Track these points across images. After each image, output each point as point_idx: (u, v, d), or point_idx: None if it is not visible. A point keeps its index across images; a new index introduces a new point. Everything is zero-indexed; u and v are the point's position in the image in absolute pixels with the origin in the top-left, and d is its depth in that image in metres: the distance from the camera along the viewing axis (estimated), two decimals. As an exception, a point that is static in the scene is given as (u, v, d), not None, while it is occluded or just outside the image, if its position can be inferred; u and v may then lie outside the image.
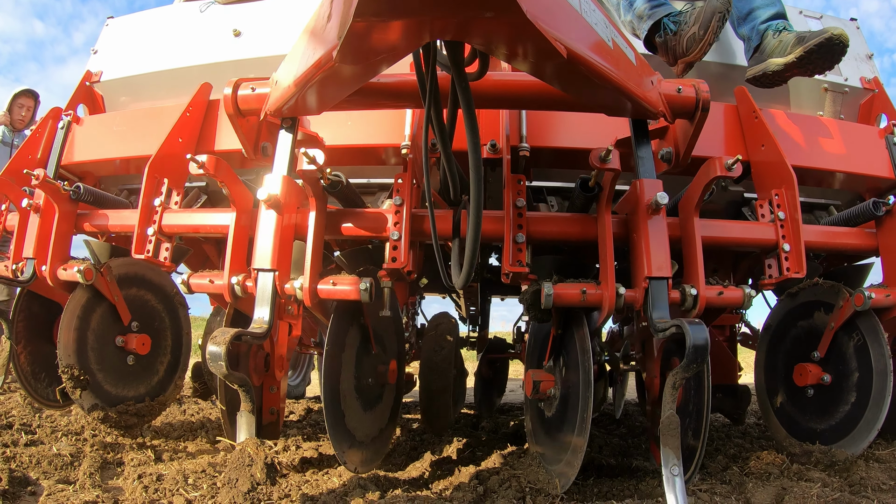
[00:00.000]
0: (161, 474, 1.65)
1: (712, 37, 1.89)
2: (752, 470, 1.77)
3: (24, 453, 1.76)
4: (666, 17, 2.03)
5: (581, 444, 1.42)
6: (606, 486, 1.69)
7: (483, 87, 1.45)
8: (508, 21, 0.88)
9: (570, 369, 1.61)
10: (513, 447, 2.34)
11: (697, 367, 1.19)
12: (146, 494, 1.49)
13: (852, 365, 1.77)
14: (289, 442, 1.84)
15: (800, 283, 1.88)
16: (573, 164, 1.97)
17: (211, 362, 1.29)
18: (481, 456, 2.20)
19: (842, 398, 1.78)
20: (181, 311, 2.36)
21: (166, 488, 1.54)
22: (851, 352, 1.78)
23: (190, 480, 1.62)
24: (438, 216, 1.65)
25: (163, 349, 2.27)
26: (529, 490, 1.51)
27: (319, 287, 1.56)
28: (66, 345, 1.90)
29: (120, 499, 1.47)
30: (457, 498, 1.51)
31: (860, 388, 1.73)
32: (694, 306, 1.50)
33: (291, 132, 1.61)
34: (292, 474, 1.60)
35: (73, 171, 2.35)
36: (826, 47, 1.85)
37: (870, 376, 1.70)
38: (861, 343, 1.74)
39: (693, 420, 1.52)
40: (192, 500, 1.46)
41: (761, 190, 1.85)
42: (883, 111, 2.25)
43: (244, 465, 1.33)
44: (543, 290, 1.47)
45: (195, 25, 2.49)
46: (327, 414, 1.57)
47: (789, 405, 1.98)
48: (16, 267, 2.00)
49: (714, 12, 1.87)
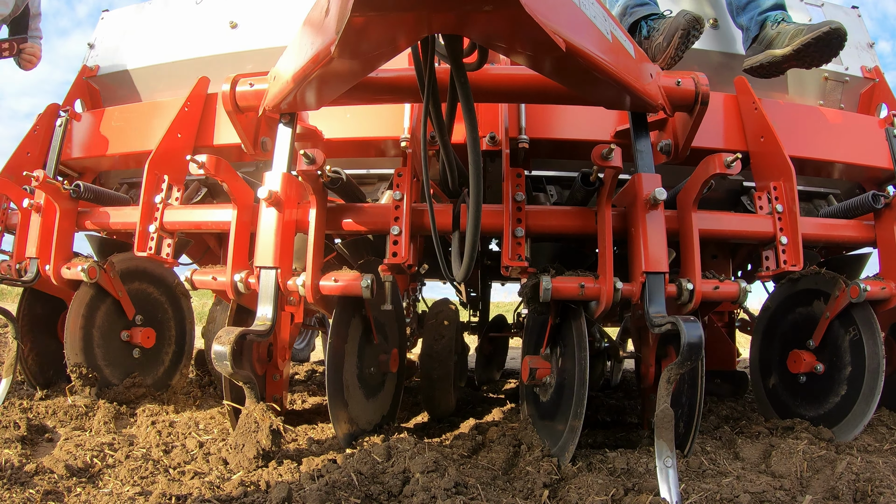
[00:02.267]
0: (173, 421, 1.77)
1: (673, 51, 1.90)
2: (743, 429, 1.86)
3: (41, 405, 1.85)
4: (644, 19, 2.04)
5: (577, 425, 1.45)
6: (601, 437, 1.83)
7: (482, 81, 1.45)
8: (507, 15, 0.87)
9: (567, 359, 1.64)
10: (511, 404, 2.46)
11: (692, 364, 1.21)
12: (160, 437, 1.60)
13: (846, 356, 1.79)
14: (295, 396, 2.07)
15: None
16: (573, 156, 1.97)
17: (216, 362, 1.31)
18: (481, 412, 2.37)
19: (833, 388, 1.81)
20: (183, 301, 2.39)
21: (179, 432, 1.67)
22: (845, 343, 1.80)
23: (201, 426, 1.77)
24: (438, 210, 1.66)
25: (167, 340, 2.30)
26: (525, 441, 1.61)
27: (321, 283, 1.57)
28: (73, 343, 1.93)
29: (135, 442, 1.57)
30: (456, 445, 1.62)
31: (852, 380, 1.76)
32: (690, 300, 1.52)
33: (290, 127, 1.61)
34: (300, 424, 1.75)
35: (73, 167, 2.35)
36: (824, 41, 1.84)
37: (862, 368, 1.72)
38: (855, 334, 1.76)
39: (685, 412, 1.55)
40: (205, 442, 1.59)
41: (760, 181, 1.86)
42: (883, 101, 2.24)
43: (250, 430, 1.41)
44: (542, 284, 1.49)
45: (191, 17, 2.46)
46: (331, 404, 1.61)
47: (782, 389, 2.01)
48: (19, 266, 2.02)
49: (677, 28, 1.89)
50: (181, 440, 1.61)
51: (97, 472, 1.32)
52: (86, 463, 1.34)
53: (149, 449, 1.50)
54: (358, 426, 1.73)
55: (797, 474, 1.27)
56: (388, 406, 2.01)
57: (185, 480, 1.25)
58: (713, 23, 2.32)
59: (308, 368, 3.89)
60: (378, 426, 1.84)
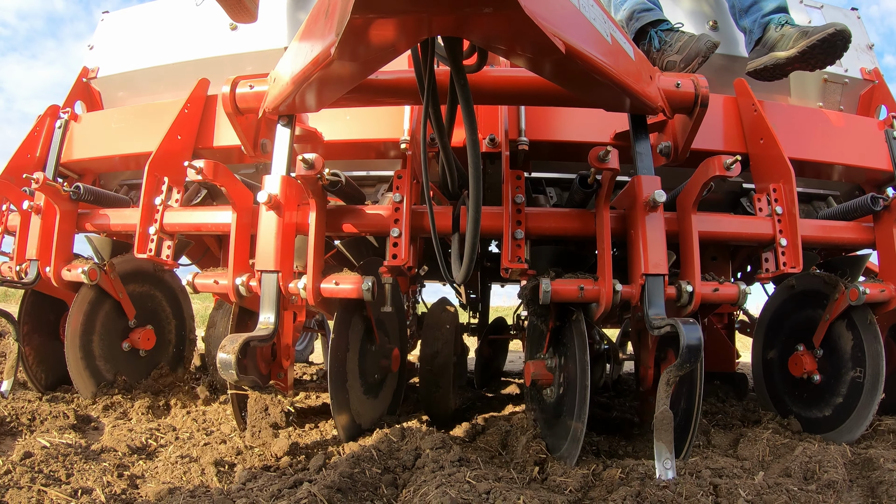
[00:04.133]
0: (205, 410, 2.01)
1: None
2: (718, 422, 2.02)
3: (79, 398, 1.98)
4: (654, 29, 2.05)
5: (580, 428, 1.45)
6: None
7: (481, 83, 1.45)
8: (506, 17, 0.87)
9: (569, 362, 1.64)
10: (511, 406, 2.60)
11: (691, 367, 1.21)
12: (196, 424, 1.84)
13: (846, 357, 1.79)
14: (309, 393, 2.31)
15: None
16: (572, 157, 1.97)
17: (222, 370, 1.32)
18: (480, 411, 2.50)
19: (834, 390, 1.81)
20: (184, 302, 2.39)
21: (212, 419, 1.90)
22: (845, 345, 1.80)
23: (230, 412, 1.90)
24: (438, 212, 1.66)
25: (167, 341, 2.30)
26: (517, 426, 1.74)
27: (322, 286, 1.57)
28: (74, 344, 1.93)
29: (177, 427, 1.79)
30: (458, 433, 1.92)
31: (853, 382, 1.75)
32: (690, 302, 1.52)
33: (289, 128, 1.60)
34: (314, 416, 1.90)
35: (73, 168, 2.35)
36: (829, 43, 1.84)
37: (863, 370, 1.72)
38: (856, 337, 1.76)
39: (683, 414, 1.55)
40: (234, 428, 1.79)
41: (759, 183, 1.86)
42: (883, 102, 2.24)
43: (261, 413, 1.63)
44: (542, 287, 1.49)
45: (191, 19, 2.47)
46: (333, 404, 1.62)
47: (783, 391, 2.01)
48: (19, 268, 2.01)
49: (698, 54, 1.92)
50: (216, 426, 1.82)
51: (153, 450, 1.55)
52: (142, 443, 1.58)
53: (191, 432, 1.69)
54: (360, 425, 1.75)
55: (759, 457, 1.41)
56: (388, 405, 2.02)
57: (231, 454, 1.44)
58: (713, 24, 2.32)
59: (316, 369, 3.92)
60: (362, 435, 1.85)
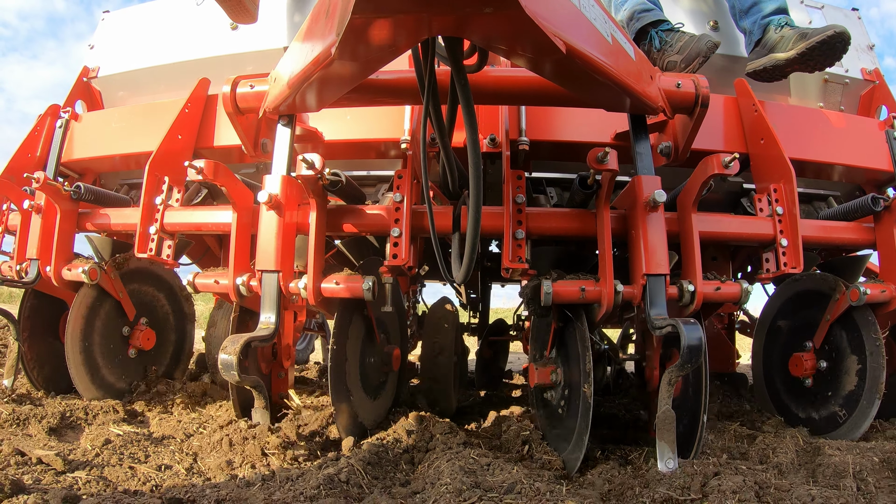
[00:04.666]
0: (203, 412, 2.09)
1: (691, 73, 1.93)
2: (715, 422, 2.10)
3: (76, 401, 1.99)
4: (654, 29, 2.05)
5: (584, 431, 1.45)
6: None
7: (482, 83, 1.45)
8: (507, 17, 0.87)
9: (572, 361, 1.64)
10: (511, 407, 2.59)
11: (692, 367, 1.21)
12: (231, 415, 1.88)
13: (847, 358, 1.79)
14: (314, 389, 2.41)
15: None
16: (573, 157, 1.96)
17: (224, 371, 1.32)
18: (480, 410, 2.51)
19: (835, 390, 1.80)
20: (184, 302, 2.39)
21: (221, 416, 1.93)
22: (846, 345, 1.80)
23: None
24: (438, 212, 1.66)
25: (167, 340, 2.30)
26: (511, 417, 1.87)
27: (323, 286, 1.57)
28: (75, 344, 1.93)
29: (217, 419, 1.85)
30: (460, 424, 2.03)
31: (853, 382, 1.75)
32: (692, 302, 1.51)
33: (289, 128, 1.61)
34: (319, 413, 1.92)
35: (73, 167, 2.35)
36: (828, 44, 1.84)
37: (863, 370, 1.71)
38: (856, 337, 1.76)
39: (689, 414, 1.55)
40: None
41: (760, 183, 1.86)
42: (883, 103, 2.24)
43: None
44: (543, 288, 1.49)
45: (192, 18, 2.46)
46: (335, 404, 1.62)
47: (784, 392, 2.01)
48: (20, 268, 2.01)
49: (699, 54, 1.92)
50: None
51: (206, 435, 1.69)
52: (193, 430, 1.77)
53: (231, 422, 1.76)
54: (362, 424, 1.75)
55: (723, 447, 1.60)
56: (389, 405, 2.02)
57: (271, 440, 1.54)
58: (713, 24, 2.32)
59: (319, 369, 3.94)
60: (380, 425, 1.85)
